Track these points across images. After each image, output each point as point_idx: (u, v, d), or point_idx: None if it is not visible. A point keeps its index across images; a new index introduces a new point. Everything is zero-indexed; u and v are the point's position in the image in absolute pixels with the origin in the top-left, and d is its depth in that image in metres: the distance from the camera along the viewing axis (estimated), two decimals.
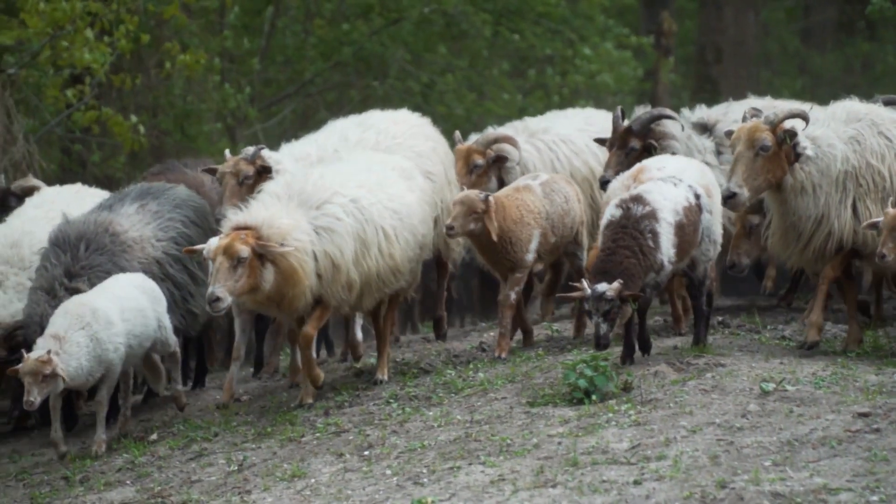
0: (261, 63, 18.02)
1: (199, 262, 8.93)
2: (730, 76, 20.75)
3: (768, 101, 10.90)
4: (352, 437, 7.54)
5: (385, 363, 8.93)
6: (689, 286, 8.49)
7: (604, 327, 7.57)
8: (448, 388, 8.28)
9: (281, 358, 10.53)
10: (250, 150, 9.42)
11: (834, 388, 7.23)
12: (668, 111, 9.83)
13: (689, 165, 8.58)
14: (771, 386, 7.23)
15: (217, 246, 8.00)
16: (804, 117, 8.32)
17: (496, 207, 8.80)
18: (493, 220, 8.74)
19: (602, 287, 7.55)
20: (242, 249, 7.92)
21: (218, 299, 7.86)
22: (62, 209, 9.50)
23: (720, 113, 10.43)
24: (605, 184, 9.37)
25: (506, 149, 10.30)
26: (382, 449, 7.20)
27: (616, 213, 7.85)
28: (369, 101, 17.69)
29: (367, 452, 7.19)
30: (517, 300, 9.06)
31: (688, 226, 7.99)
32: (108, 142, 15.42)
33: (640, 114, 9.64)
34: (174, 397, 9.04)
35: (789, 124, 8.25)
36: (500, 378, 8.24)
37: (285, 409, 8.50)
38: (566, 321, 10.45)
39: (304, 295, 8.18)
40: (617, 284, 7.54)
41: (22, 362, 7.84)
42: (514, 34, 19.04)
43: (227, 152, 9.66)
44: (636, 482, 6.01)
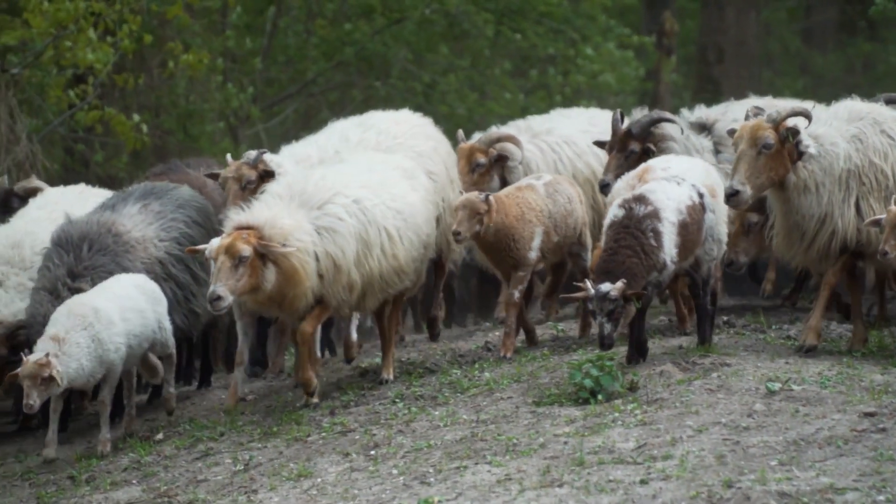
0: (263, 63, 18.01)
1: (202, 262, 8.89)
2: (731, 76, 20.74)
3: (768, 100, 10.90)
4: (358, 437, 7.54)
5: (390, 363, 8.92)
6: (691, 286, 8.47)
7: (608, 327, 7.56)
8: (454, 387, 8.28)
9: (286, 357, 10.52)
10: (252, 155, 9.34)
11: (840, 388, 7.24)
12: (668, 114, 9.82)
13: (694, 165, 8.58)
14: (777, 386, 7.23)
15: (219, 245, 7.99)
16: (807, 115, 8.31)
17: (496, 206, 8.82)
18: (493, 217, 8.76)
19: (606, 287, 7.55)
20: (244, 249, 7.91)
21: (219, 298, 7.85)
22: (66, 210, 9.46)
23: (719, 112, 10.42)
24: (604, 187, 9.37)
25: (508, 148, 10.29)
26: (388, 448, 7.20)
27: (619, 213, 7.85)
28: (371, 101, 17.70)
29: (373, 452, 7.19)
30: (521, 299, 9.07)
31: (691, 225, 7.99)
32: (111, 141, 15.43)
33: (639, 117, 9.63)
34: (164, 400, 8.92)
35: (792, 122, 8.22)
36: (505, 378, 8.25)
37: (291, 409, 8.49)
38: (571, 321, 10.45)
39: (306, 295, 8.16)
40: (620, 284, 7.54)
41: (21, 365, 7.81)
42: (516, 34, 19.04)
43: (229, 157, 9.58)
44: (643, 482, 6.00)
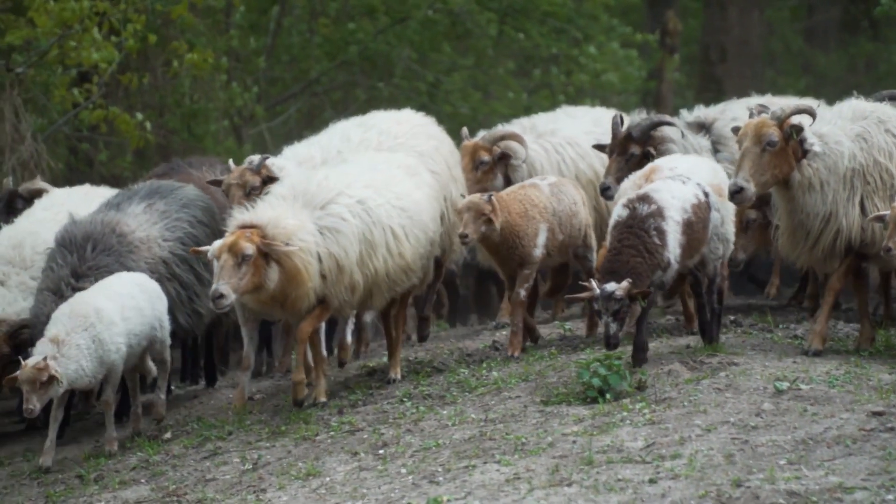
0: (266, 62, 18.00)
1: (206, 262, 8.85)
2: (734, 75, 20.76)
3: (768, 98, 10.91)
4: (366, 436, 7.54)
5: (397, 362, 8.94)
6: (693, 285, 8.48)
7: (613, 327, 7.57)
8: (462, 386, 8.29)
9: (293, 357, 10.51)
10: (255, 160, 9.27)
11: (848, 387, 7.24)
12: (668, 118, 9.81)
13: (701, 164, 8.60)
14: (785, 385, 7.23)
15: (222, 243, 7.99)
16: (811, 113, 8.29)
17: (499, 205, 8.83)
18: (498, 217, 8.78)
19: (611, 287, 7.55)
20: (247, 247, 7.91)
21: (222, 296, 7.85)
22: (70, 210, 9.44)
23: (717, 112, 10.44)
24: (605, 190, 9.38)
25: (512, 146, 10.28)
26: (397, 448, 7.20)
27: (623, 213, 7.86)
28: (375, 101, 17.69)
29: (381, 451, 7.20)
30: (527, 297, 9.07)
31: (696, 223, 7.99)
32: (115, 140, 15.42)
33: (639, 120, 9.62)
34: (153, 405, 8.78)
35: (796, 120, 8.21)
36: (513, 377, 8.25)
37: (299, 408, 8.47)
38: (577, 320, 10.46)
39: (308, 296, 8.16)
40: (626, 284, 7.54)
41: (19, 369, 7.79)
42: (520, 33, 19.03)
43: (231, 163, 9.51)
44: (651, 481, 6.01)
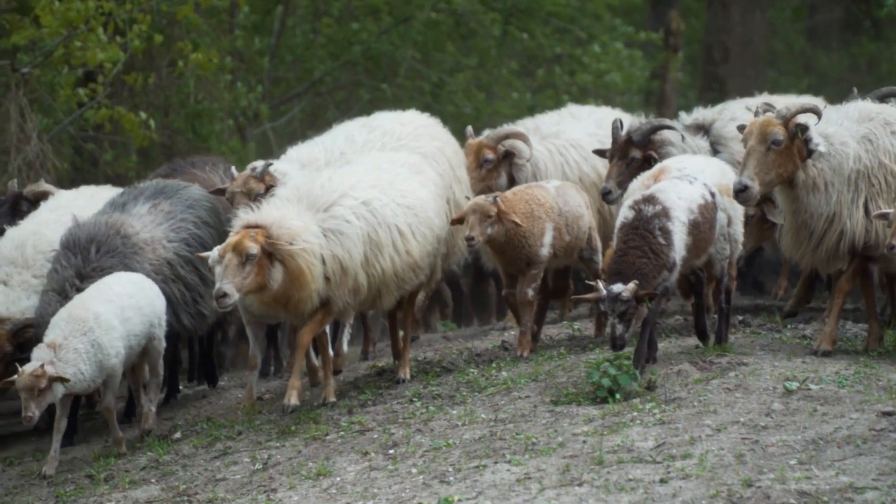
0: (270, 62, 18.00)
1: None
2: (737, 75, 20.76)
3: (765, 97, 10.92)
4: (376, 436, 7.55)
5: (406, 362, 8.95)
6: (695, 284, 8.47)
7: (619, 328, 7.54)
8: (471, 386, 8.30)
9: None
10: (258, 167, 9.25)
11: (857, 387, 7.25)
12: (668, 121, 9.82)
13: (710, 165, 8.60)
14: (794, 385, 7.25)
15: (227, 243, 8.00)
16: (816, 112, 8.30)
17: (504, 206, 8.81)
18: (508, 215, 8.76)
19: (617, 288, 7.53)
20: (251, 247, 7.91)
21: (225, 295, 7.85)
22: (75, 212, 9.42)
23: (715, 112, 10.45)
24: (606, 194, 9.38)
25: (517, 145, 10.29)
26: (407, 447, 7.21)
27: (628, 215, 7.84)
28: (379, 101, 17.69)
29: (392, 451, 7.21)
30: (535, 297, 9.06)
31: (703, 224, 7.99)
32: (120, 139, 15.42)
33: (639, 124, 9.62)
34: (142, 416, 8.69)
35: (801, 119, 8.20)
36: (523, 377, 8.26)
37: (308, 408, 8.51)
38: (586, 320, 10.47)
39: (311, 298, 8.16)
40: (633, 285, 7.52)
41: (17, 375, 7.79)
42: (523, 33, 19.03)
43: (234, 170, 9.48)
44: (662, 481, 6.02)
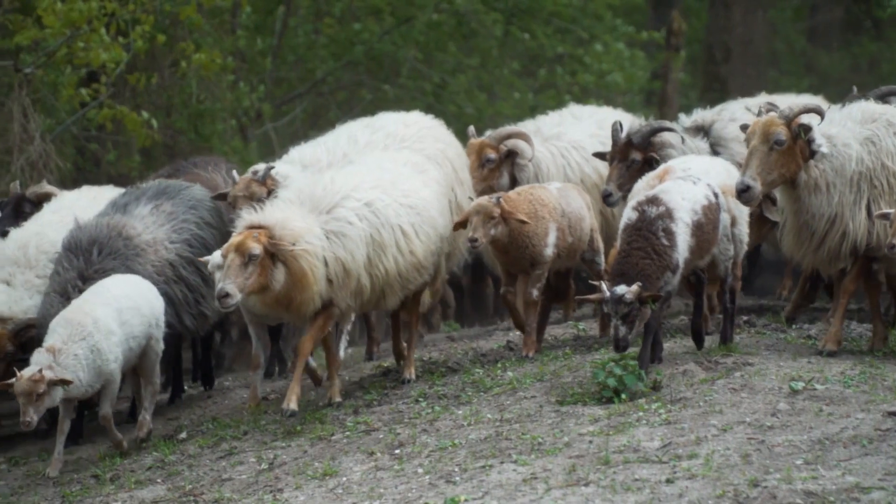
0: (272, 63, 18.01)
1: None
2: (738, 75, 20.81)
3: (763, 97, 10.93)
4: (382, 436, 7.56)
5: (411, 362, 8.95)
6: (694, 285, 8.44)
7: (622, 330, 7.52)
8: (477, 386, 8.31)
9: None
10: (260, 170, 9.23)
11: (863, 387, 7.26)
12: (668, 123, 9.81)
13: (715, 165, 8.61)
14: (800, 385, 7.26)
15: (229, 243, 8.00)
16: (819, 112, 8.30)
17: (508, 206, 8.79)
18: (514, 214, 8.74)
19: (621, 290, 7.50)
20: (254, 247, 7.90)
21: (227, 295, 7.83)
22: (77, 214, 9.41)
23: (714, 113, 10.45)
24: (607, 197, 9.37)
25: (520, 144, 10.29)
26: (413, 447, 7.22)
27: (632, 216, 7.83)
28: (381, 101, 17.70)
29: (398, 451, 7.21)
30: (539, 297, 9.06)
31: (707, 225, 7.99)
32: (122, 139, 15.43)
33: (639, 126, 9.62)
34: (138, 425, 8.61)
35: (805, 119, 8.21)
36: (528, 377, 8.26)
37: (314, 408, 8.52)
38: (591, 320, 10.47)
39: (313, 300, 8.15)
40: (636, 287, 7.50)
41: (15, 380, 7.79)
42: (525, 33, 19.03)
43: (235, 174, 9.44)
44: (668, 481, 6.03)
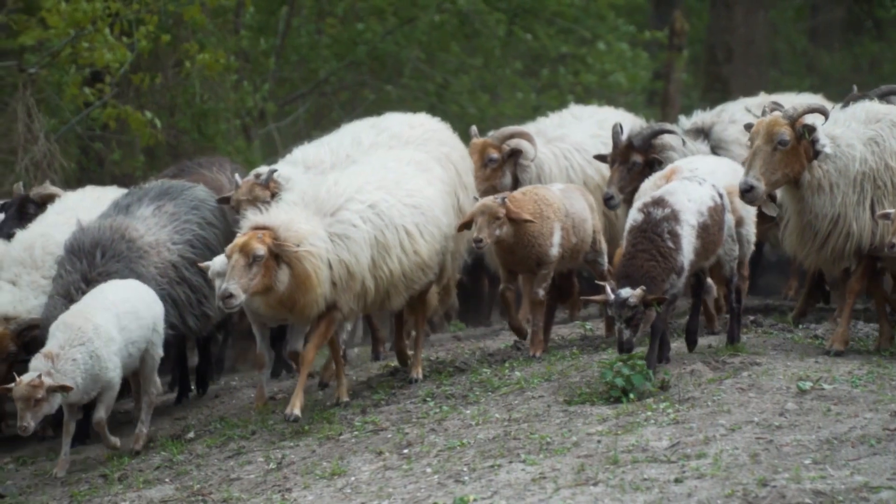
0: (275, 62, 18.00)
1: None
2: (740, 75, 20.79)
3: (762, 97, 10.93)
4: (390, 436, 7.57)
5: (419, 362, 8.96)
6: (694, 286, 8.44)
7: (626, 333, 7.50)
8: (484, 386, 8.31)
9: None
10: (263, 173, 9.22)
11: (871, 387, 7.27)
12: (669, 126, 9.82)
13: (721, 165, 8.62)
14: (808, 384, 7.26)
15: (234, 243, 8.00)
16: (823, 112, 8.30)
17: (512, 206, 8.78)
18: (520, 214, 8.71)
19: (625, 293, 7.48)
20: (258, 248, 7.89)
21: (231, 296, 7.82)
22: (79, 216, 9.40)
23: (714, 115, 10.46)
24: (608, 199, 9.37)
25: (522, 144, 10.30)
26: (422, 447, 7.22)
27: (638, 218, 7.83)
28: (383, 101, 17.69)
29: (406, 451, 7.22)
30: (546, 297, 9.06)
31: (712, 226, 8.00)
32: (126, 139, 15.42)
33: (640, 129, 9.62)
34: (134, 437, 8.53)
35: (809, 120, 8.20)
36: (536, 376, 8.27)
37: (322, 408, 8.53)
38: (597, 320, 10.48)
39: (317, 303, 8.15)
40: (640, 291, 7.48)
41: (14, 384, 7.79)
42: (528, 33, 19.03)
43: (238, 177, 9.43)
44: (677, 480, 6.03)
